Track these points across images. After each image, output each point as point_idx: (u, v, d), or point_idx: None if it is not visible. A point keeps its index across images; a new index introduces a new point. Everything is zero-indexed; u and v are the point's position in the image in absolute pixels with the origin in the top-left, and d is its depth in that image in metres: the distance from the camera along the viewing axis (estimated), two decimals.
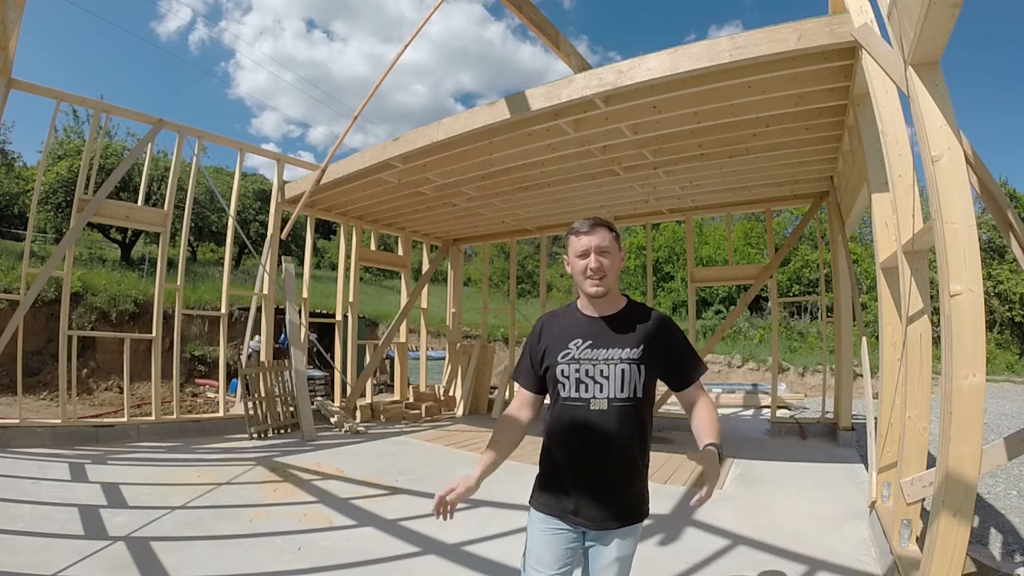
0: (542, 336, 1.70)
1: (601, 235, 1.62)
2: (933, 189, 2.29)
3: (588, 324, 1.64)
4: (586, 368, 1.58)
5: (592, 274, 1.60)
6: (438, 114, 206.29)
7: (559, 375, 1.61)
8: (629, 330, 1.61)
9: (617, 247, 1.65)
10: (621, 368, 1.56)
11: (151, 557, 3.09)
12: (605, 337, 1.61)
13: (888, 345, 3.52)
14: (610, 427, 1.55)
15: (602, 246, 1.61)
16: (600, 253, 1.60)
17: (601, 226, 1.63)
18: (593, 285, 1.60)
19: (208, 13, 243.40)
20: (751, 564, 3.19)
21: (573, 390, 1.59)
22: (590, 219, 1.65)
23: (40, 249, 14.91)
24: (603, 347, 1.59)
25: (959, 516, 2.09)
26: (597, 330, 1.63)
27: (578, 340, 1.62)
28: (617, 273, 1.65)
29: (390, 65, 5.72)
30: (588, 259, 1.61)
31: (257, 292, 8.25)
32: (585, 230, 1.63)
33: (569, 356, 1.61)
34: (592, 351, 1.59)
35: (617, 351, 1.58)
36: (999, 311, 21.64)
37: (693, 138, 5.55)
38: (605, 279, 1.61)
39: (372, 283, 27.17)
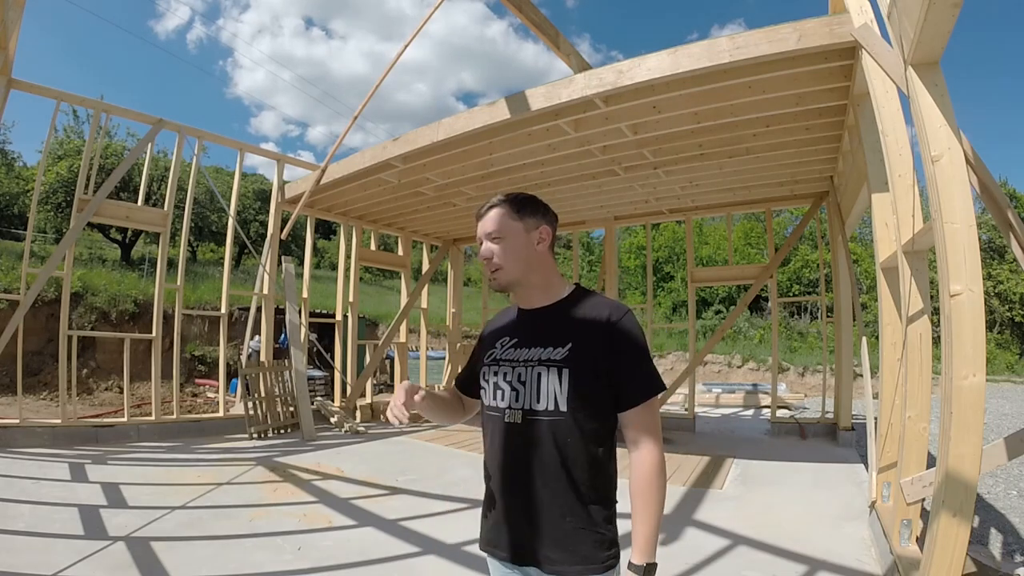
0: (484, 334, 1.46)
1: (492, 219, 1.32)
2: (933, 189, 2.29)
3: (518, 319, 1.38)
4: (504, 371, 1.30)
5: (486, 265, 1.33)
6: (439, 113, 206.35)
7: (482, 379, 1.36)
8: (560, 325, 1.28)
9: (519, 227, 1.31)
10: (537, 372, 1.24)
11: (151, 557, 3.09)
12: (531, 335, 1.30)
13: (888, 345, 3.52)
14: (527, 446, 1.23)
15: (491, 232, 1.31)
16: (491, 239, 1.31)
17: (494, 206, 1.33)
18: (490, 278, 1.34)
19: (207, 12, 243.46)
20: (751, 564, 3.19)
21: (491, 397, 1.32)
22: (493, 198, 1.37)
23: (40, 249, 14.91)
24: (525, 346, 1.30)
25: (959, 516, 2.09)
26: (524, 326, 1.34)
27: (505, 338, 1.36)
28: (524, 257, 1.31)
29: (391, 64, 5.72)
30: (481, 247, 1.34)
31: (257, 292, 8.26)
32: (480, 214, 1.36)
33: (492, 357, 1.35)
34: (515, 351, 1.31)
35: (537, 351, 1.26)
36: (999, 311, 21.65)
37: (693, 138, 5.55)
38: (501, 270, 1.31)
39: (372, 283, 27.17)
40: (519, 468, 1.24)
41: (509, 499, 1.26)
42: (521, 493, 1.24)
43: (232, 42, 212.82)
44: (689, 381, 8.16)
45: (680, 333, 19.62)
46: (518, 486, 1.25)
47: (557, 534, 1.20)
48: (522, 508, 1.24)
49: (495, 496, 1.29)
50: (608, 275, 8.96)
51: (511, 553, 1.25)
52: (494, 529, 1.29)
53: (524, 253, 1.31)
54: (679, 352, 17.50)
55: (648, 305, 9.37)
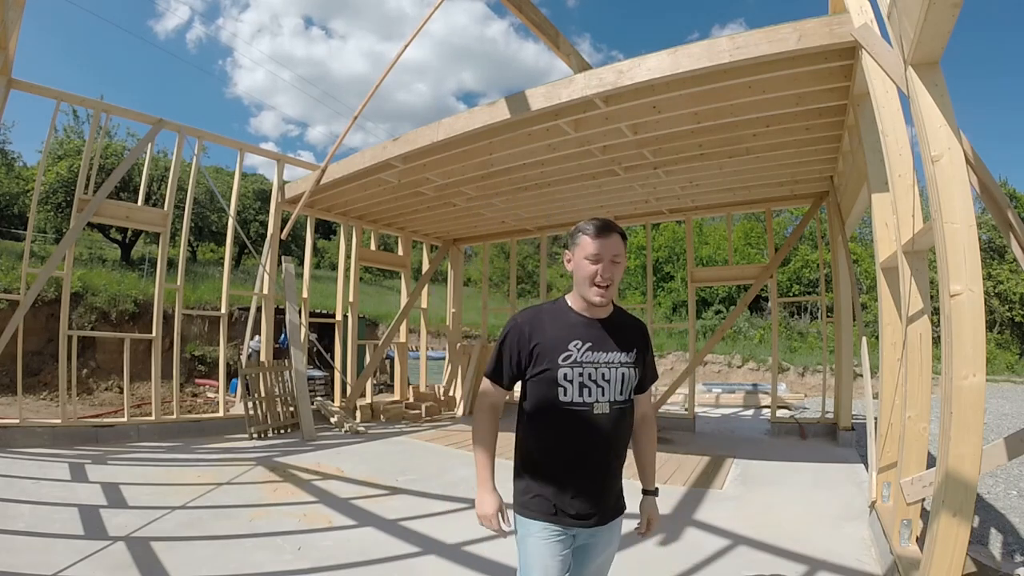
0: (532, 334, 1.62)
1: (616, 243, 1.57)
2: (933, 189, 2.29)
3: (586, 327, 1.62)
4: (588, 372, 1.56)
5: (601, 282, 1.56)
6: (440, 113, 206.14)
7: (560, 379, 1.55)
8: (623, 335, 1.64)
9: (625, 255, 1.62)
10: (622, 372, 1.59)
11: (151, 557, 3.09)
12: (604, 340, 1.60)
13: (888, 345, 3.52)
14: (610, 429, 1.57)
15: (616, 255, 1.57)
16: (613, 263, 1.57)
17: (617, 232, 1.58)
18: (599, 294, 1.57)
19: (206, 11, 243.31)
20: (751, 564, 3.19)
21: (576, 394, 1.55)
22: (604, 220, 1.60)
23: (40, 249, 14.91)
24: (603, 350, 1.59)
25: (959, 516, 2.09)
26: (595, 333, 1.61)
27: (577, 342, 1.58)
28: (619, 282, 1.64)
29: (391, 64, 5.72)
30: (598, 266, 1.56)
31: (257, 292, 8.26)
32: (602, 234, 1.56)
33: (571, 359, 1.57)
34: (593, 354, 1.58)
35: (617, 355, 1.60)
36: (999, 311, 21.63)
37: (693, 138, 5.55)
38: (611, 288, 1.58)
39: (372, 283, 27.17)
40: (605, 449, 1.58)
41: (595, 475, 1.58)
42: (608, 469, 1.60)
43: (232, 42, 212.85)
44: (689, 381, 8.16)
45: (680, 333, 19.61)
46: (605, 464, 1.59)
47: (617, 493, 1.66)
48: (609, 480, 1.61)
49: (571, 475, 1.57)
50: None
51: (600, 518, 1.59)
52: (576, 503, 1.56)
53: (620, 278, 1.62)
54: (679, 352, 17.49)
55: (648, 305, 9.36)
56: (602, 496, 1.59)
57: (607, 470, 1.59)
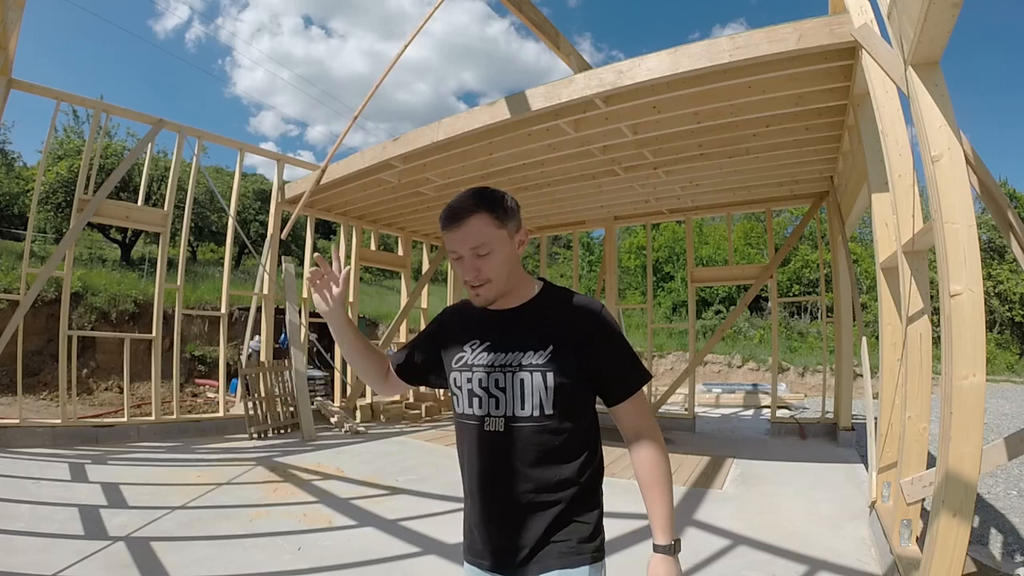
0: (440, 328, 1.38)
1: (473, 229, 1.17)
2: (933, 189, 2.29)
3: (486, 321, 1.28)
4: (479, 377, 1.22)
5: (471, 280, 1.21)
6: (440, 113, 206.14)
7: (453, 385, 1.28)
8: (536, 326, 1.23)
9: (503, 233, 1.20)
10: (520, 377, 1.18)
11: (151, 557, 3.09)
12: (505, 337, 1.24)
13: (888, 345, 3.52)
14: (510, 453, 1.19)
15: (476, 246, 1.17)
16: (477, 255, 1.18)
17: (471, 213, 1.17)
18: (474, 293, 1.23)
19: (206, 11, 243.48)
20: (751, 564, 3.19)
21: (466, 404, 1.25)
22: (454, 203, 1.20)
23: (40, 249, 14.89)
24: (500, 350, 1.22)
25: (959, 516, 2.09)
26: (496, 328, 1.26)
27: (474, 342, 1.27)
28: (510, 265, 1.22)
29: (391, 64, 5.72)
30: (461, 264, 1.20)
31: (257, 292, 8.26)
32: (452, 223, 1.18)
33: (463, 362, 1.26)
34: (488, 355, 1.23)
35: (517, 355, 1.20)
36: (999, 311, 21.63)
37: (693, 138, 5.55)
38: (488, 284, 1.21)
39: (372, 283, 27.17)
40: (509, 478, 1.19)
41: (503, 509, 1.21)
42: (519, 503, 1.19)
43: (231, 41, 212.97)
44: (689, 381, 8.16)
45: (680, 333, 19.61)
46: (513, 496, 1.20)
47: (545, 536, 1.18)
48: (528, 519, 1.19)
49: (475, 504, 1.26)
50: (608, 275, 8.96)
51: (520, 566, 1.19)
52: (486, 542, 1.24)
53: (508, 264, 1.21)
54: (679, 352, 17.49)
55: (648, 305, 9.36)
56: (518, 537, 1.19)
57: (519, 505, 1.19)
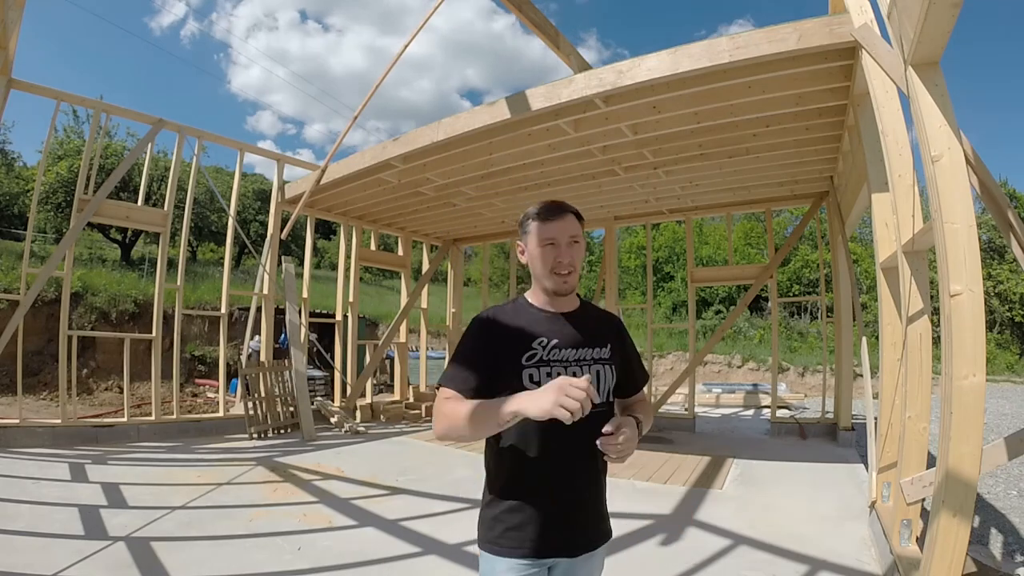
0: (491, 336, 1.41)
1: (572, 223, 1.41)
2: (933, 189, 2.29)
3: (549, 321, 1.42)
4: (557, 371, 1.35)
5: (561, 267, 1.39)
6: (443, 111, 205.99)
7: (526, 381, 1.33)
8: (594, 328, 1.45)
9: (583, 237, 1.45)
10: (596, 369, 1.39)
11: (151, 557, 3.09)
12: (571, 335, 1.41)
13: (888, 345, 3.52)
14: (586, 438, 1.30)
15: (574, 236, 1.40)
16: (571, 244, 1.40)
17: (571, 212, 1.43)
18: (561, 282, 1.39)
19: (201, 7, 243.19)
20: (752, 564, 3.19)
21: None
22: (553, 201, 1.44)
23: (40, 249, 14.90)
24: (571, 346, 1.39)
25: (959, 516, 2.09)
26: (560, 328, 1.41)
27: (543, 339, 1.38)
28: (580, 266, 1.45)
29: (392, 62, 5.72)
30: (557, 249, 1.39)
31: (257, 292, 8.26)
32: (554, 215, 1.40)
33: (536, 358, 1.36)
34: (560, 351, 1.37)
35: (588, 350, 1.40)
36: (999, 311, 21.64)
37: (693, 138, 5.55)
38: (573, 275, 1.41)
39: (372, 283, 27.16)
40: (585, 462, 1.36)
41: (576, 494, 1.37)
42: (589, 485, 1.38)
43: (227, 38, 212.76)
44: (689, 381, 8.16)
45: (680, 333, 19.61)
46: (585, 479, 1.37)
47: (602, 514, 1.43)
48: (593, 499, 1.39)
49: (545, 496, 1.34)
50: (608, 275, 8.96)
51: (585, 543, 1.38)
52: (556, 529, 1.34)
53: (581, 262, 1.44)
54: (679, 352, 17.49)
55: (648, 305, 9.36)
56: (584, 519, 1.38)
57: (586, 488, 1.38)
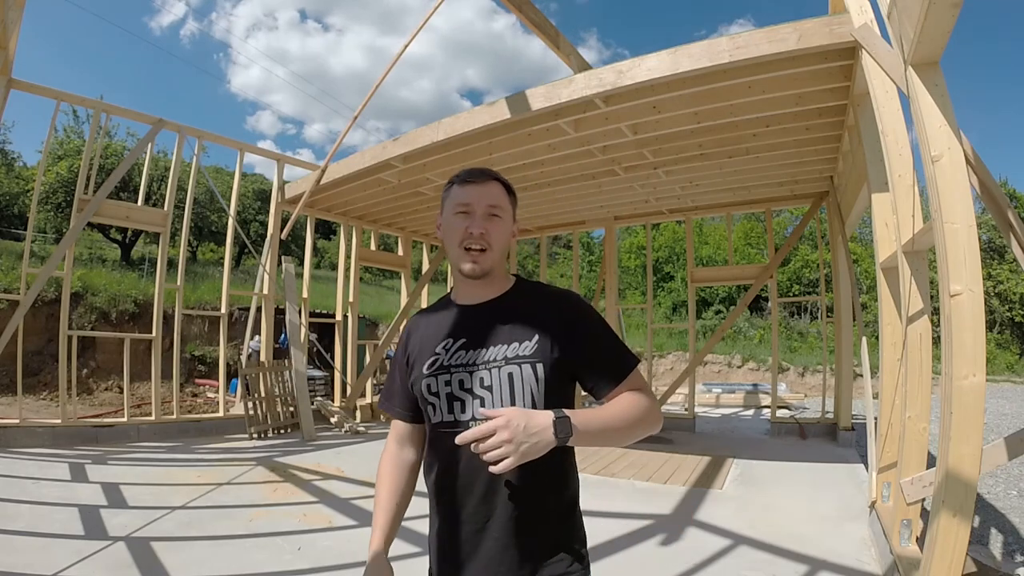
0: (409, 342, 1.23)
1: (495, 190, 1.16)
2: (933, 189, 2.29)
3: (461, 317, 1.18)
4: (460, 378, 1.10)
5: (472, 241, 1.12)
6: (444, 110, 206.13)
7: (426, 392, 1.14)
8: (518, 317, 1.13)
9: (510, 211, 1.18)
10: (508, 372, 1.08)
11: (151, 557, 3.09)
12: (484, 332, 1.13)
13: (888, 345, 3.52)
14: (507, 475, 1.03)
15: (494, 205, 1.14)
16: (488, 215, 1.13)
17: (497, 179, 1.18)
18: (470, 259, 1.12)
19: (201, 7, 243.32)
20: (752, 564, 3.19)
21: (445, 411, 1.12)
22: (480, 168, 1.20)
23: (40, 249, 14.90)
24: (481, 346, 1.12)
25: (959, 516, 2.09)
26: (474, 324, 1.15)
27: (448, 341, 1.15)
28: (505, 247, 1.18)
29: (392, 62, 5.72)
30: (470, 219, 1.13)
31: (257, 292, 8.26)
32: (473, 179, 1.16)
33: (437, 365, 1.13)
34: (467, 353, 1.12)
35: (501, 348, 1.10)
36: (999, 311, 21.64)
37: (693, 138, 5.55)
38: (488, 252, 1.13)
39: (372, 283, 27.16)
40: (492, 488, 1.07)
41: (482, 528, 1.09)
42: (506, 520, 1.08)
43: (227, 38, 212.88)
44: (689, 381, 8.16)
45: (680, 333, 19.61)
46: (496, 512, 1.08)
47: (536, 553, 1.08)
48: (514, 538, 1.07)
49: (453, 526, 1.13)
50: (608, 275, 8.96)
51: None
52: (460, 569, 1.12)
53: (508, 240, 1.18)
54: (679, 352, 17.49)
55: (648, 305, 9.36)
56: (500, 562, 1.07)
57: (505, 522, 1.07)
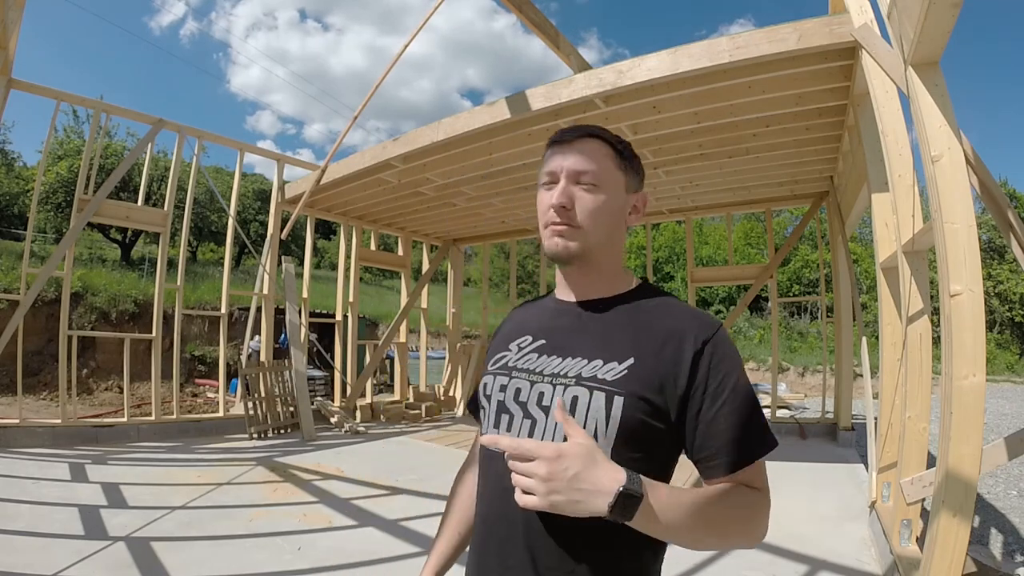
0: (497, 334, 1.03)
1: (588, 149, 0.88)
2: (933, 189, 2.29)
3: (554, 314, 0.94)
4: (518, 386, 0.87)
5: (552, 217, 0.87)
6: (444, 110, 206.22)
7: (481, 392, 0.94)
8: (620, 328, 0.85)
9: (620, 178, 0.90)
10: (574, 394, 0.80)
11: (151, 557, 3.09)
12: (569, 336, 0.88)
13: (888, 345, 3.53)
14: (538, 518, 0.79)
15: (584, 170, 0.86)
16: (581, 181, 0.87)
17: (592, 135, 0.89)
18: (552, 236, 0.87)
19: (201, 6, 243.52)
20: (752, 564, 3.19)
21: (492, 422, 0.89)
22: (580, 125, 0.91)
23: (40, 249, 14.91)
24: (559, 353, 0.87)
25: (959, 516, 2.09)
26: (561, 324, 0.91)
27: (526, 337, 0.93)
28: (609, 227, 0.89)
29: (392, 62, 5.72)
30: (551, 189, 0.89)
31: (257, 292, 8.25)
32: (564, 140, 0.90)
33: (503, 363, 0.92)
34: (539, 358, 0.88)
35: (580, 362, 0.83)
36: (999, 311, 21.65)
37: (693, 138, 5.55)
38: (578, 231, 0.86)
39: (372, 283, 27.16)
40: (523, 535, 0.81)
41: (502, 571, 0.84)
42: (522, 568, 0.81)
43: (227, 38, 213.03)
44: None
45: None
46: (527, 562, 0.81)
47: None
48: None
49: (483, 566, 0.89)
50: None
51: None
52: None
53: (614, 219, 0.89)
54: None
55: None
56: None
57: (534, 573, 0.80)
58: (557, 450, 0.71)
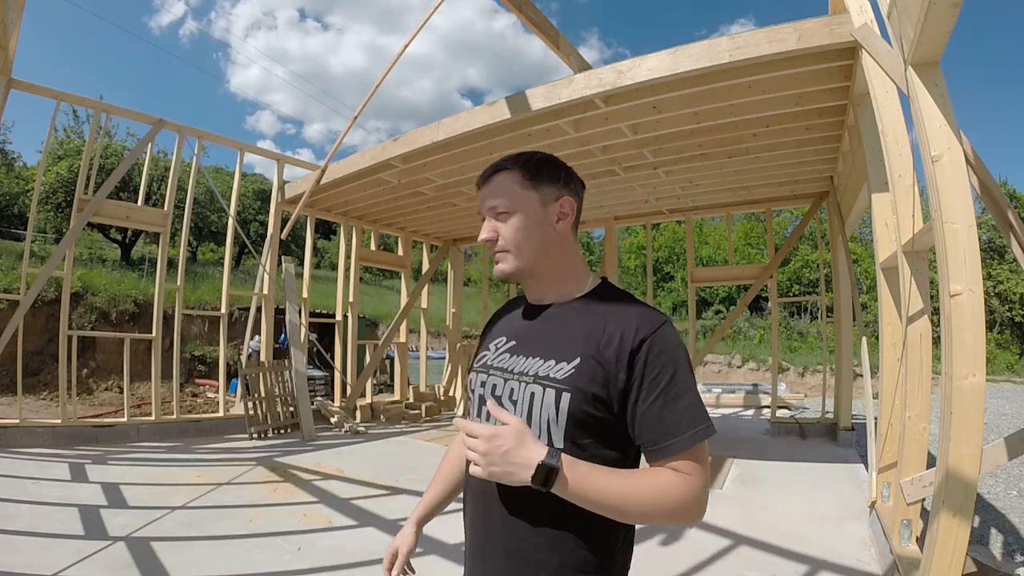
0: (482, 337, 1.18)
1: (497, 185, 1.01)
2: (933, 189, 2.29)
3: (523, 316, 1.07)
4: (494, 382, 1.00)
5: (488, 245, 1.02)
6: (444, 110, 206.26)
7: (468, 388, 1.09)
8: (570, 329, 0.96)
9: (532, 197, 1.00)
10: (532, 390, 0.93)
11: (151, 557, 3.09)
12: (534, 338, 1.01)
13: (888, 345, 3.53)
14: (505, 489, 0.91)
15: (495, 205, 1.00)
16: (496, 215, 1.01)
17: (500, 169, 1.02)
18: (495, 261, 1.03)
19: (200, 6, 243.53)
20: (752, 564, 3.19)
21: (475, 412, 1.04)
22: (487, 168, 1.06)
23: (40, 249, 14.91)
24: (524, 353, 0.99)
25: (959, 516, 2.09)
26: (528, 326, 1.04)
27: (501, 339, 1.06)
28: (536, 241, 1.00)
29: (392, 62, 5.72)
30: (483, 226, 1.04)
31: (257, 292, 8.25)
32: (480, 182, 1.05)
33: (483, 361, 1.06)
34: (511, 358, 1.01)
35: (537, 362, 0.95)
36: (999, 311, 21.65)
37: (693, 138, 5.55)
38: (508, 255, 1.00)
39: (372, 283, 27.17)
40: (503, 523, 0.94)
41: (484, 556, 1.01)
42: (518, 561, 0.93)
43: (226, 38, 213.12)
44: None
45: (680, 333, 19.59)
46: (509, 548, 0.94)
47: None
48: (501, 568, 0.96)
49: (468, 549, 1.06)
50: (608, 275, 8.94)
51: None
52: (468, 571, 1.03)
53: (539, 233, 1.00)
54: None
55: None
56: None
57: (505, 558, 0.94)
58: (494, 431, 0.86)
